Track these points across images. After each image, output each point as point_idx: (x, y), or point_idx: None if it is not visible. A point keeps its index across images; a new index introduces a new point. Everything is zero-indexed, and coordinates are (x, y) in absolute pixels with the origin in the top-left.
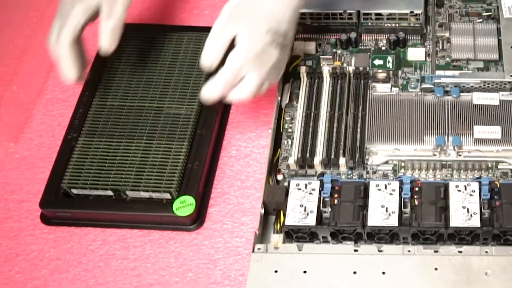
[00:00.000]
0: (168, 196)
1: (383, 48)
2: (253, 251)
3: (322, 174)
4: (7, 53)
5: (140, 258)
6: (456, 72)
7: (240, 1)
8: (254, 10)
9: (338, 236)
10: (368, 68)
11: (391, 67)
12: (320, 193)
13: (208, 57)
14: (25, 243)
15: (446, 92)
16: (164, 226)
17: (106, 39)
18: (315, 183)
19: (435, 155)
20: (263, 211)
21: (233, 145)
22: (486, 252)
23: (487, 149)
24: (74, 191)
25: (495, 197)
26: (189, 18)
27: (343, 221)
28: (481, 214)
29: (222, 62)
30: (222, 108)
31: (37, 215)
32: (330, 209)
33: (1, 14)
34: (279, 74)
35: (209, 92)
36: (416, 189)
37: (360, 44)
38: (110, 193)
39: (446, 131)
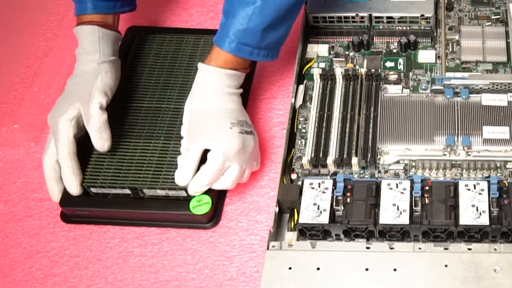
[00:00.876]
0: (184, 193)
1: (395, 50)
2: (267, 248)
3: (335, 173)
4: (28, 55)
5: (158, 255)
6: (466, 74)
7: (190, 119)
8: (206, 118)
9: (350, 233)
10: (379, 70)
11: (402, 69)
12: (333, 192)
13: (179, 177)
14: (46, 241)
15: (456, 94)
16: (181, 224)
17: (96, 140)
18: (328, 182)
19: (445, 154)
20: (277, 209)
21: None
22: (495, 249)
23: (496, 149)
24: (93, 190)
25: (504, 195)
26: (205, 21)
27: (356, 219)
28: (490, 212)
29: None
30: None
31: (57, 214)
32: (342, 208)
33: (22, 17)
34: (258, 160)
35: (195, 189)
36: (427, 188)
37: (372, 47)
38: (128, 191)
39: (456, 132)
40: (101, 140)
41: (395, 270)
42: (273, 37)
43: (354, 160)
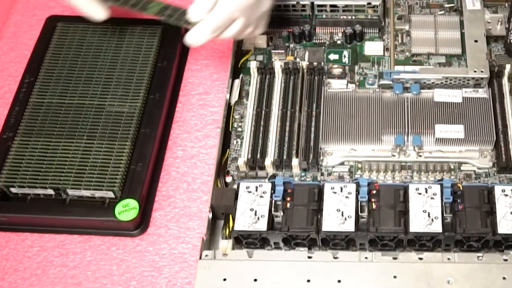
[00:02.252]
0: (111, 194)
1: (339, 42)
2: (200, 258)
3: (273, 176)
4: None
5: (80, 265)
6: (416, 68)
7: None
8: None
9: (290, 242)
10: (322, 63)
11: (347, 62)
12: (271, 196)
13: (193, 9)
14: None
15: (406, 89)
16: (105, 231)
17: None
18: (266, 186)
19: (394, 155)
20: (211, 215)
21: (179, 145)
22: (448, 259)
23: (450, 150)
24: (13, 190)
25: (458, 200)
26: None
27: (296, 226)
28: (443, 218)
29: None
30: (168, 105)
31: None
32: (282, 213)
33: None
34: (266, 23)
35: (195, 38)
36: (374, 192)
37: (314, 38)
38: (50, 191)
39: (406, 130)
40: None
41: (339, 281)
42: None
43: (295, 161)
